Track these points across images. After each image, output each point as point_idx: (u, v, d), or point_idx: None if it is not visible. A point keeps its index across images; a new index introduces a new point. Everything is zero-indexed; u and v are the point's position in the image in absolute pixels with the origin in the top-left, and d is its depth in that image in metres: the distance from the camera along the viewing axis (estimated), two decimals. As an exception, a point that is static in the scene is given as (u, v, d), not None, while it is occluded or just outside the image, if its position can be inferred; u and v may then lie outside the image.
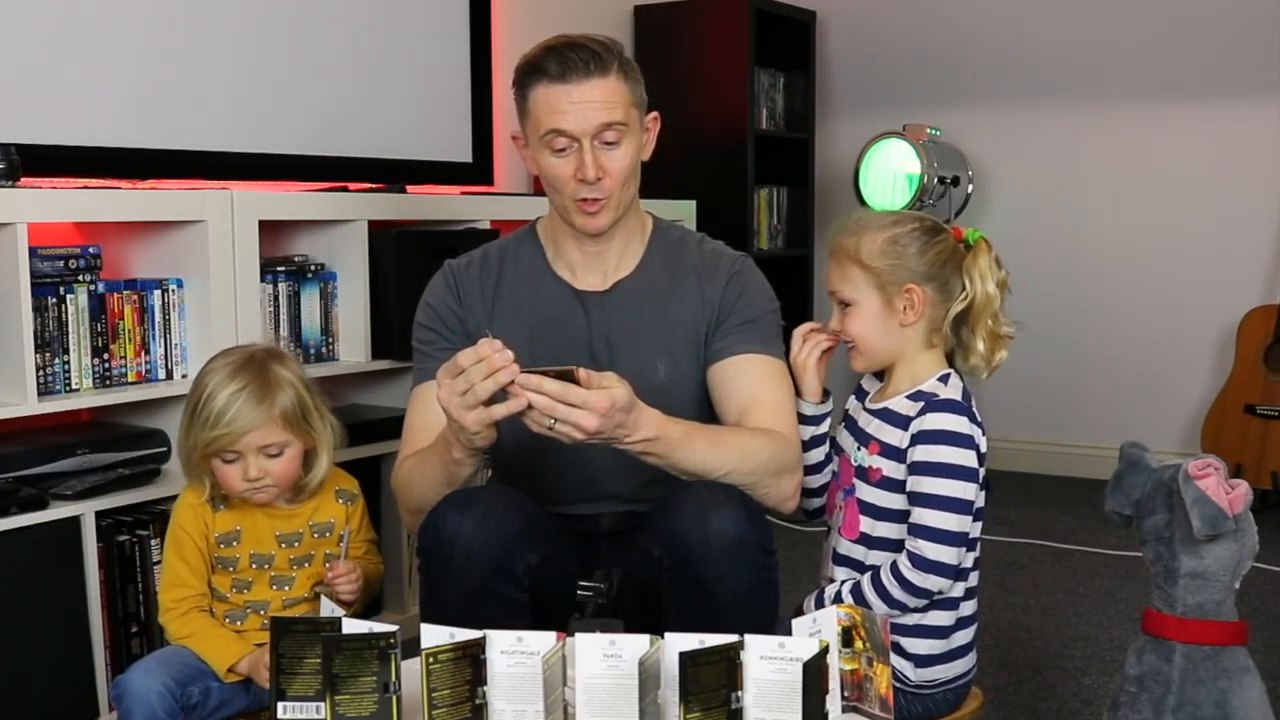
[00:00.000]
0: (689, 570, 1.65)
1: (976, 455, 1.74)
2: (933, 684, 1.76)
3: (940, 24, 4.67)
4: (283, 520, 1.90)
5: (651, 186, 2.05)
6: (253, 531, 1.88)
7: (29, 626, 2.19)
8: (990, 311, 1.79)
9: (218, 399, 1.80)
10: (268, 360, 1.86)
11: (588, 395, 1.54)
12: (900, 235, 1.78)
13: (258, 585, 1.89)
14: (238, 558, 1.88)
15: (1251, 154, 4.21)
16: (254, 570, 1.88)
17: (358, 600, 1.91)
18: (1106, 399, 4.48)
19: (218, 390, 1.80)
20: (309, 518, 1.91)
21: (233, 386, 1.80)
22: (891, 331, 1.80)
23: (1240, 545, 1.69)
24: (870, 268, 1.78)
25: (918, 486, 1.72)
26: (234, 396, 1.80)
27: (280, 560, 1.89)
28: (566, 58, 1.77)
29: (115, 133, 2.79)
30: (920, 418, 1.74)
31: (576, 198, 1.81)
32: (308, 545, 1.90)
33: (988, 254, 1.80)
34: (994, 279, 1.79)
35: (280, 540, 1.89)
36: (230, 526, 1.88)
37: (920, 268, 1.77)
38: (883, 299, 1.78)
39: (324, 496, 1.93)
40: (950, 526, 1.70)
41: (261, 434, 1.81)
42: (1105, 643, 2.85)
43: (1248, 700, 1.69)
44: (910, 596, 1.71)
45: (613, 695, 1.37)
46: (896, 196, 4.24)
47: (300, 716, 1.48)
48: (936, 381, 1.79)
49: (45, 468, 2.30)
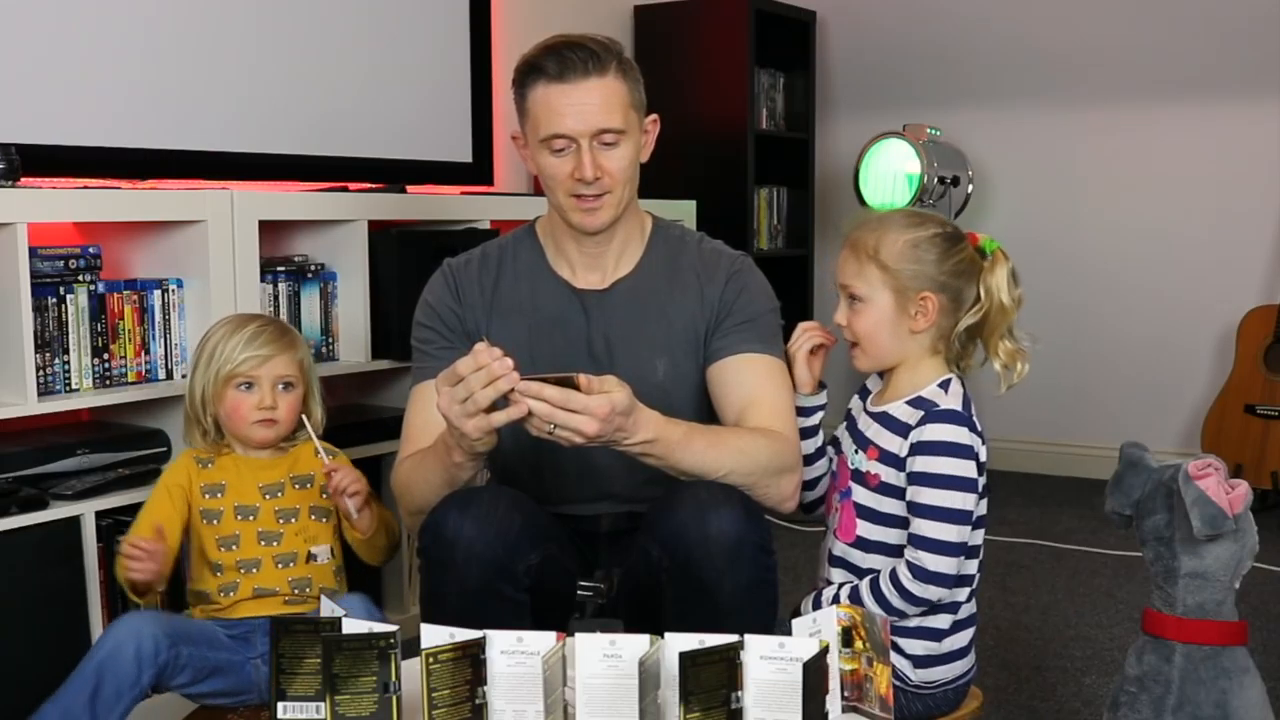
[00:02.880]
0: (688, 570, 1.66)
1: (976, 465, 1.73)
2: (932, 684, 1.76)
3: (940, 24, 4.67)
4: (264, 470, 1.99)
5: (651, 186, 2.05)
6: (236, 483, 1.97)
7: (29, 626, 2.19)
8: (1005, 325, 1.78)
9: (240, 333, 1.96)
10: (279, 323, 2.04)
11: (588, 401, 1.54)
12: (922, 240, 1.76)
13: (245, 541, 1.94)
14: (222, 510, 1.95)
15: (1251, 154, 4.21)
16: (239, 522, 1.95)
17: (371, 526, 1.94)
18: (1106, 399, 4.48)
19: (237, 328, 1.97)
20: (289, 469, 2.00)
21: (253, 325, 1.98)
22: (899, 335, 1.78)
23: (1240, 545, 1.69)
24: (889, 269, 1.75)
25: (917, 497, 1.71)
26: (259, 330, 1.97)
27: (265, 513, 1.96)
28: (565, 57, 1.77)
29: (115, 133, 2.79)
30: (920, 428, 1.73)
31: (574, 194, 1.82)
32: (290, 498, 1.98)
33: (1005, 266, 1.78)
34: (1010, 293, 1.77)
35: (263, 491, 1.97)
36: (216, 479, 1.97)
37: (939, 276, 1.75)
38: (896, 302, 1.76)
39: (302, 450, 2.02)
40: (950, 538, 1.69)
41: (283, 362, 1.96)
42: (1105, 643, 2.85)
43: (1248, 700, 1.69)
44: (909, 605, 1.71)
45: (613, 695, 1.37)
46: (896, 196, 4.24)
47: (300, 716, 1.48)
48: (937, 388, 1.77)
49: (45, 468, 2.30)
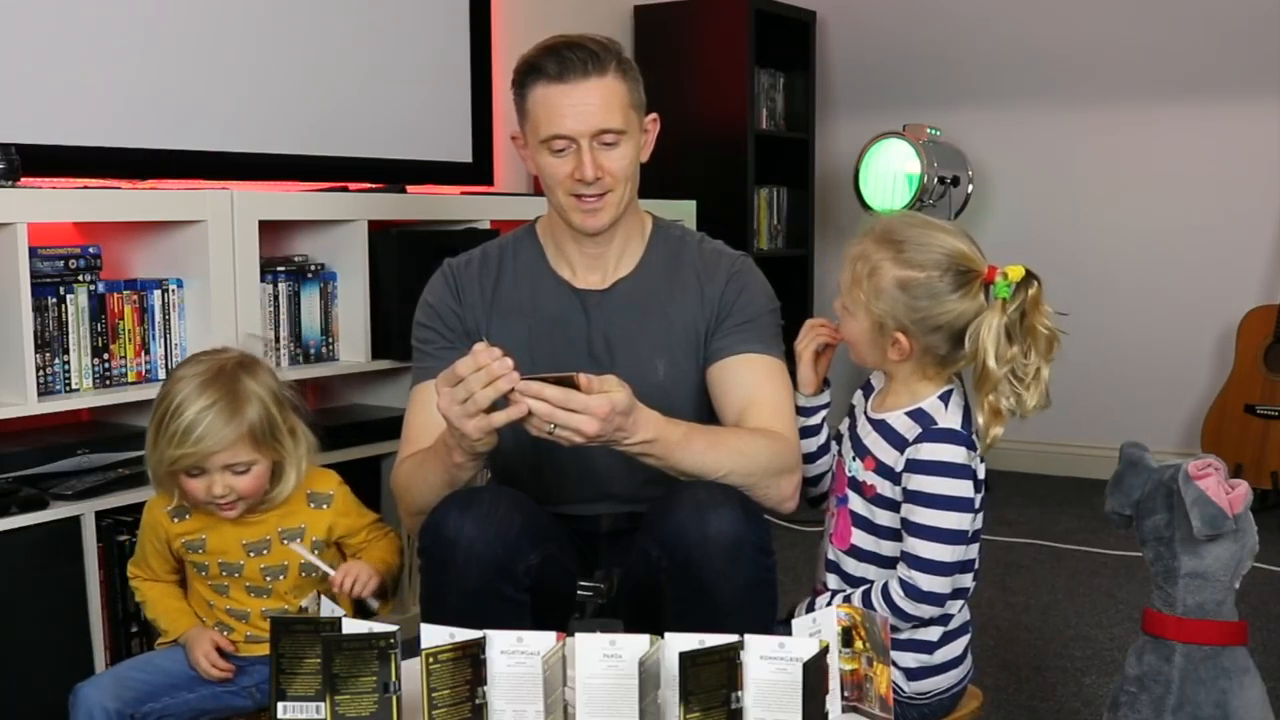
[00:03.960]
0: (687, 570, 1.65)
1: (973, 484, 1.70)
2: (926, 695, 1.75)
3: (940, 24, 4.67)
4: (249, 529, 1.86)
5: (651, 186, 2.05)
6: (218, 541, 1.86)
7: (29, 626, 2.19)
8: (991, 385, 1.65)
9: (185, 415, 1.74)
10: (238, 372, 1.81)
11: (588, 400, 1.54)
12: (915, 282, 1.67)
13: (235, 592, 1.88)
14: (207, 564, 1.87)
15: (1251, 154, 4.21)
16: (225, 577, 1.88)
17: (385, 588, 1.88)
18: (1106, 399, 4.48)
19: (185, 405, 1.75)
20: (277, 524, 1.87)
21: (201, 403, 1.75)
22: (878, 356, 1.74)
23: (1240, 545, 1.69)
24: (871, 299, 1.69)
25: (912, 516, 1.69)
26: (201, 414, 1.75)
27: (251, 570, 1.86)
28: (565, 58, 1.77)
29: (115, 133, 2.79)
30: (916, 445, 1.69)
31: (575, 196, 1.82)
32: (278, 554, 1.87)
33: (998, 319, 1.65)
34: (996, 354, 1.64)
35: (248, 549, 1.86)
36: (195, 534, 1.87)
37: (915, 323, 1.68)
38: (873, 328, 1.72)
39: (293, 502, 1.89)
40: (944, 558, 1.67)
41: (228, 453, 1.77)
42: (1105, 643, 2.85)
43: (1248, 700, 1.69)
44: (901, 621, 1.70)
45: (613, 695, 1.37)
46: (896, 196, 4.25)
47: (300, 716, 1.48)
48: (937, 400, 1.73)
49: (45, 468, 2.30)
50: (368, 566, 1.84)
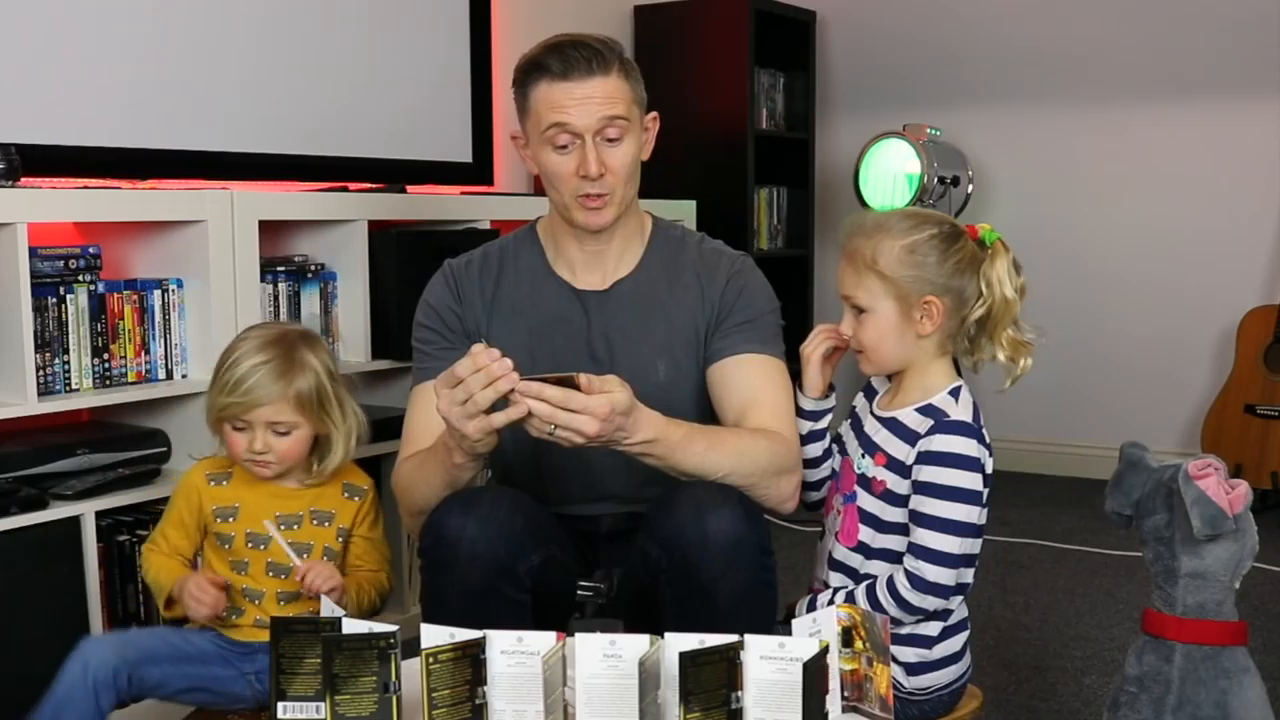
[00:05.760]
0: (687, 571, 1.65)
1: (982, 478, 1.71)
2: (926, 690, 1.76)
3: (940, 24, 4.67)
4: (284, 500, 1.91)
5: (651, 186, 2.05)
6: (252, 509, 1.90)
7: (29, 626, 2.19)
8: (1010, 318, 1.74)
9: (240, 367, 1.85)
10: (298, 342, 1.90)
11: (588, 401, 1.54)
12: (919, 243, 1.72)
13: (254, 568, 1.89)
14: (233, 535, 1.89)
15: (1252, 154, 4.21)
16: (249, 550, 1.89)
17: (360, 608, 1.88)
18: (1106, 399, 4.48)
19: (242, 359, 1.86)
20: (310, 503, 1.92)
21: (257, 359, 1.85)
22: (906, 342, 1.76)
23: (1240, 545, 1.69)
24: (889, 277, 1.72)
25: (920, 506, 1.70)
26: (255, 368, 1.85)
27: (276, 546, 1.88)
28: (568, 55, 1.77)
29: (115, 133, 2.79)
30: (929, 437, 1.71)
31: (579, 194, 1.81)
32: (307, 532, 1.90)
33: (1006, 257, 1.74)
34: (1012, 284, 1.73)
35: (279, 521, 1.89)
36: (229, 501, 1.91)
37: (939, 278, 1.72)
38: (900, 309, 1.73)
39: (330, 486, 1.94)
40: (951, 549, 1.68)
41: (272, 409, 1.85)
42: (1105, 643, 2.85)
43: (1248, 700, 1.69)
44: (905, 614, 1.70)
45: (613, 695, 1.37)
46: (896, 196, 4.24)
47: (300, 716, 1.48)
48: (947, 395, 1.75)
49: (45, 468, 2.30)
50: (336, 572, 1.85)
